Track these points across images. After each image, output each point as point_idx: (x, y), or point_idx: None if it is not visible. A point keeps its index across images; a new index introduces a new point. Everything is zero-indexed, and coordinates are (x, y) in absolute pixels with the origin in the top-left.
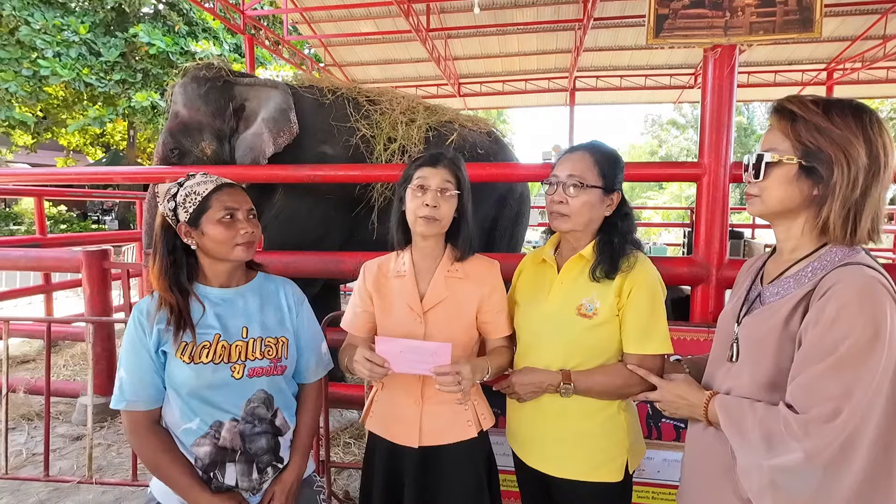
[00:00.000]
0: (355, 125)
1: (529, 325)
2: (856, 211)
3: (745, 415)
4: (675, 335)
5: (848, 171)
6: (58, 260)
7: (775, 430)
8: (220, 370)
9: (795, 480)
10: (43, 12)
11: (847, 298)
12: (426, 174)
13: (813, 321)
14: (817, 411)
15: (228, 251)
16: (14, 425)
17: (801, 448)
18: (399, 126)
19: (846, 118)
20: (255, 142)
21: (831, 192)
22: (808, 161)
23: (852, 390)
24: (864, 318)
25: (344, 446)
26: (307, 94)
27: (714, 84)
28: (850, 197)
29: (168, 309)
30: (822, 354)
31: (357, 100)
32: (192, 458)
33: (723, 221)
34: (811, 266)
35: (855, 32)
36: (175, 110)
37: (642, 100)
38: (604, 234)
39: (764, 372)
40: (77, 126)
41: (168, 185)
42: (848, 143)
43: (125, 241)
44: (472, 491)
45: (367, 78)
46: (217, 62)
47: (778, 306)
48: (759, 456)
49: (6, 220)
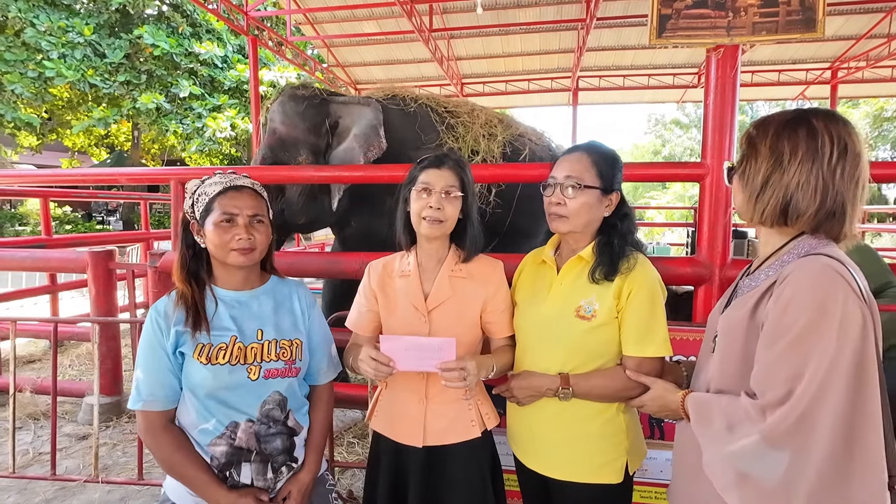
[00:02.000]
0: (443, 139)
1: (528, 326)
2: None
3: (711, 408)
4: (675, 335)
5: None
6: (63, 260)
7: (736, 418)
8: (237, 371)
9: (761, 466)
10: (48, 14)
11: (801, 283)
12: (430, 176)
13: (772, 307)
14: (772, 394)
15: (224, 255)
16: (21, 425)
17: (757, 430)
18: (481, 140)
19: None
20: (346, 156)
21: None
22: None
23: (803, 371)
24: (815, 302)
25: (347, 446)
26: (393, 106)
27: (717, 84)
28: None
29: (184, 306)
30: (776, 337)
31: (438, 111)
32: (208, 457)
33: (725, 221)
34: (780, 259)
35: (859, 31)
36: (273, 127)
37: (645, 99)
38: (603, 235)
39: (734, 361)
40: (82, 127)
41: (194, 182)
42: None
43: (130, 241)
44: (477, 491)
45: (370, 78)
46: (309, 81)
47: (748, 297)
48: (721, 444)
49: (12, 220)
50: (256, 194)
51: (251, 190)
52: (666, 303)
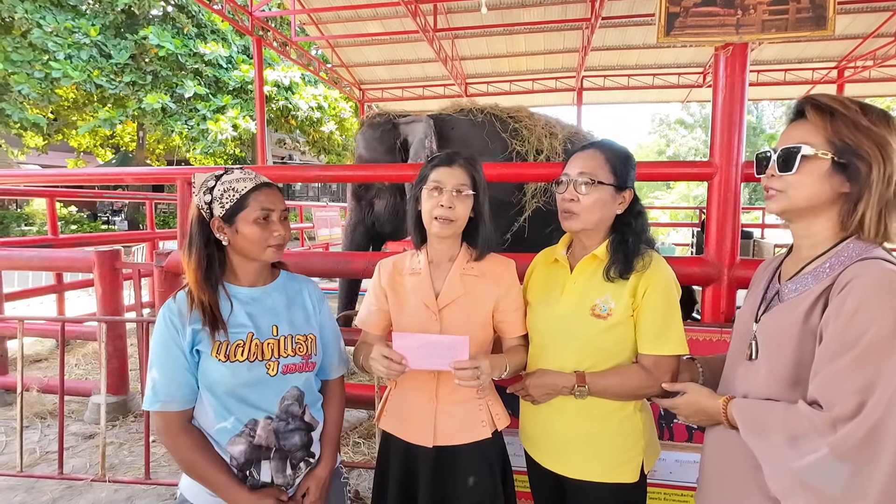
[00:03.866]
0: (510, 142)
1: (542, 325)
2: (889, 209)
3: (765, 418)
4: (687, 335)
5: (885, 168)
6: (70, 260)
7: (800, 430)
8: (256, 368)
9: (824, 477)
10: (55, 15)
11: (867, 292)
12: (441, 174)
13: (833, 315)
14: (841, 407)
15: (260, 252)
16: (28, 424)
17: (826, 444)
18: (543, 139)
19: (880, 119)
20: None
21: (868, 188)
22: (841, 157)
23: (875, 383)
24: (885, 310)
25: (353, 446)
26: (461, 117)
27: (726, 82)
28: (885, 194)
29: (200, 307)
30: (843, 349)
31: (502, 118)
32: (227, 457)
33: (734, 221)
34: (829, 262)
35: (866, 30)
36: (359, 153)
37: (650, 99)
38: (617, 233)
39: (785, 368)
40: (87, 128)
41: (205, 177)
42: (885, 142)
43: (136, 241)
44: (487, 491)
45: (374, 78)
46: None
47: (797, 302)
48: (785, 458)
49: (18, 220)
50: (279, 191)
51: (276, 187)
52: None
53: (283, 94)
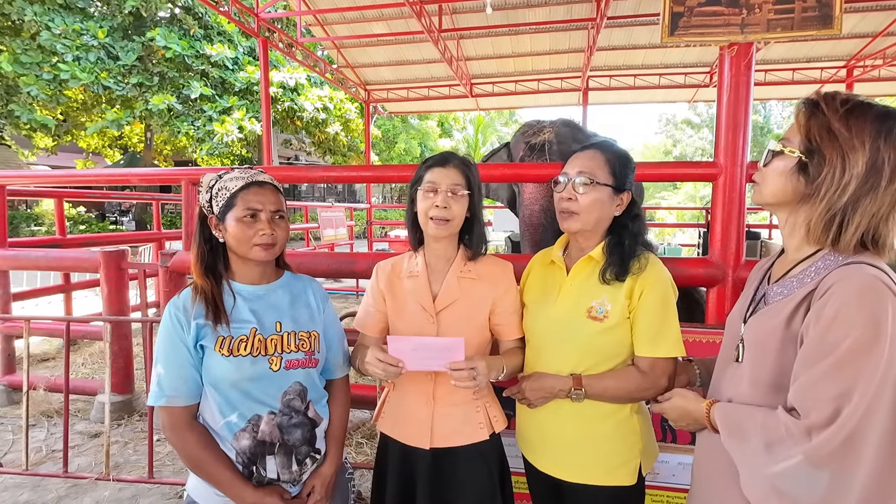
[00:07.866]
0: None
1: (539, 327)
2: (841, 218)
3: (744, 423)
4: (688, 337)
5: (840, 175)
6: (77, 260)
7: (776, 437)
8: (259, 362)
9: (799, 485)
10: (63, 17)
11: (846, 297)
12: (436, 175)
13: (813, 321)
14: (816, 415)
15: (246, 250)
16: (34, 422)
17: (801, 452)
18: None
19: (862, 123)
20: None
21: (816, 192)
22: (807, 157)
23: (852, 391)
24: (864, 317)
25: (356, 446)
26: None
27: (731, 82)
28: (837, 202)
29: (203, 300)
30: (821, 355)
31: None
32: (233, 453)
33: (739, 222)
34: (815, 265)
35: (875, 29)
36: (517, 156)
37: (656, 99)
38: (614, 234)
39: (767, 373)
40: (95, 128)
41: (210, 176)
42: (850, 149)
43: (142, 241)
44: (485, 493)
45: (379, 79)
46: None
47: (781, 306)
48: (760, 463)
49: (27, 221)
50: (277, 190)
51: (272, 186)
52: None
53: (288, 95)
